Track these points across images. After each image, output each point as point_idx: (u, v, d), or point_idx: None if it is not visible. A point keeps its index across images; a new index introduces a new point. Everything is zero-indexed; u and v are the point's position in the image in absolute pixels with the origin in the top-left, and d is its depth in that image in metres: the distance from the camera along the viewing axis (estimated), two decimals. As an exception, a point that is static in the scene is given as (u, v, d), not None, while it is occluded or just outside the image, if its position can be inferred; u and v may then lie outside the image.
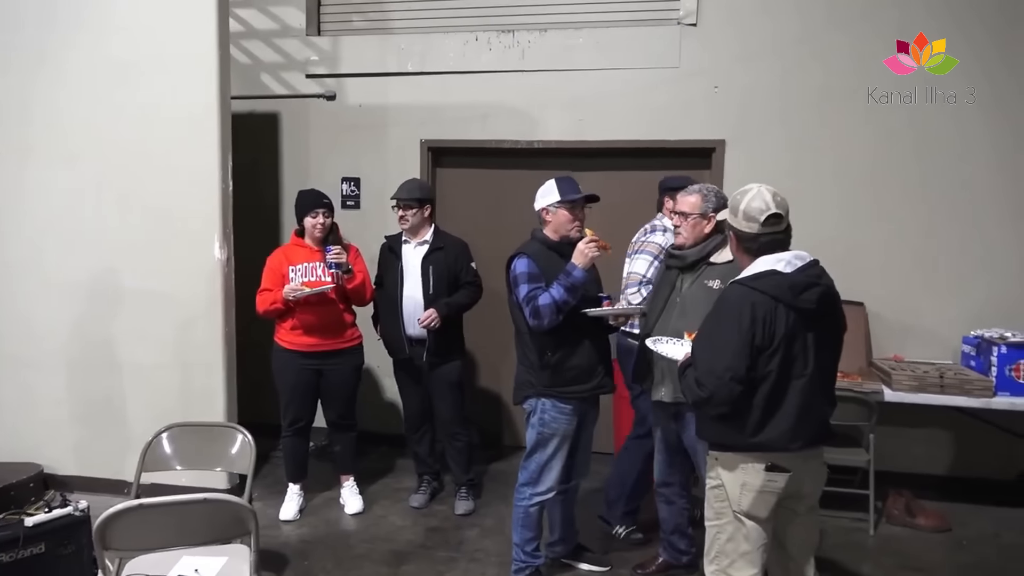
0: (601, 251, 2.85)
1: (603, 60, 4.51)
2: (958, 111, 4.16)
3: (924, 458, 4.30)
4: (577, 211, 2.97)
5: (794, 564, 2.32)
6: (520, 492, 3.09)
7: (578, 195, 2.95)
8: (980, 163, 4.18)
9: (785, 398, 2.13)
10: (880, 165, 4.26)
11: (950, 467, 4.34)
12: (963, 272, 4.22)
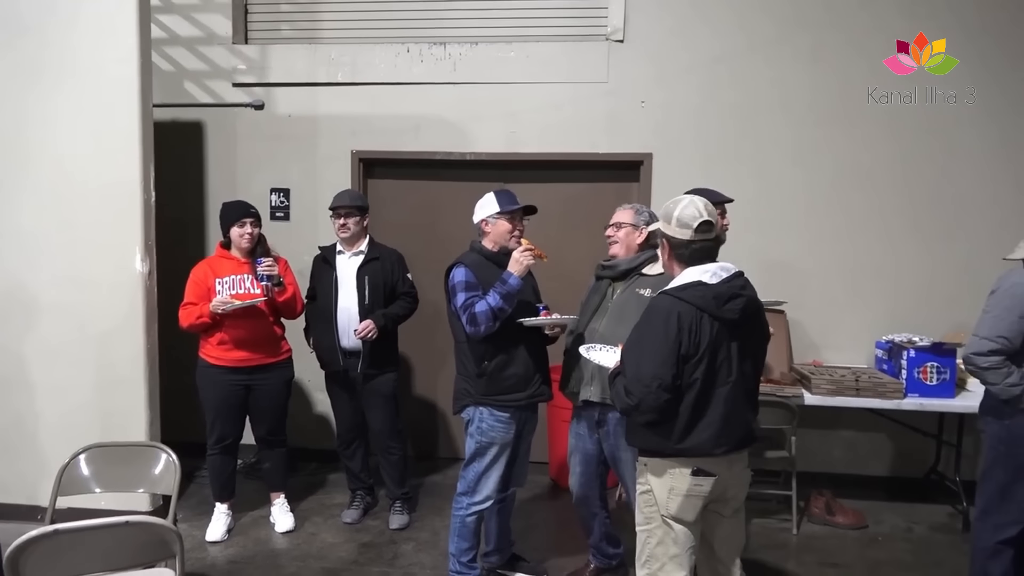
0: (537, 259, 2.91)
1: (534, 74, 4.58)
2: (872, 127, 4.41)
3: (842, 458, 4.50)
4: (516, 222, 3.03)
5: (721, 565, 2.39)
6: (458, 502, 3.09)
7: (517, 206, 3.02)
8: (887, 177, 4.42)
9: (710, 405, 2.21)
10: (800, 177, 4.46)
11: (866, 466, 4.55)
12: (876, 280, 4.45)
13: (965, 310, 4.21)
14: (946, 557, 3.68)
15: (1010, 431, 2.82)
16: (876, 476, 4.54)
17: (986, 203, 4.36)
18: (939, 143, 4.39)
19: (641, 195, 4.57)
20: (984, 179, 4.37)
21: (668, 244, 2.31)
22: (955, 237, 4.40)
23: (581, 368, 3.01)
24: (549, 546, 3.72)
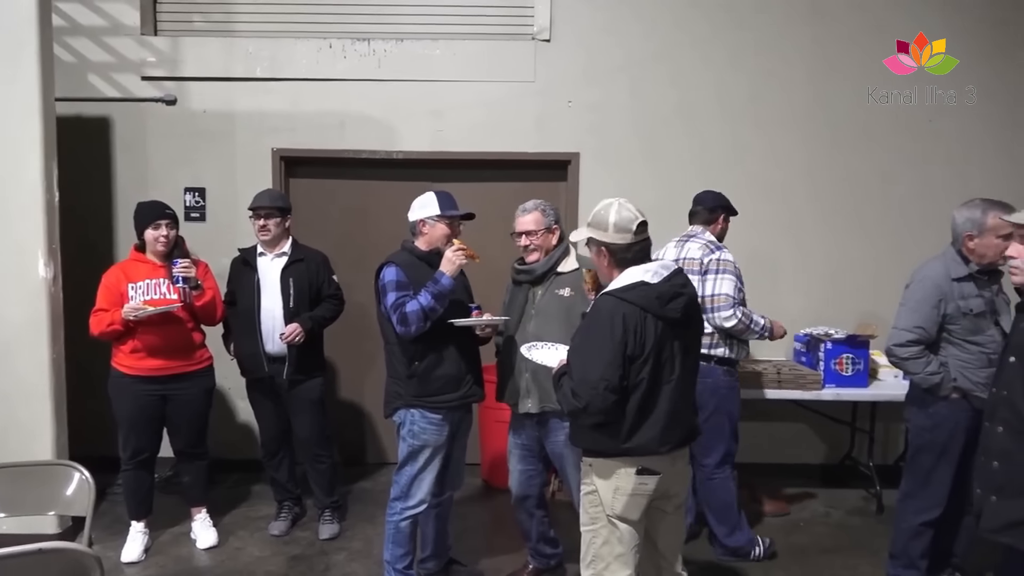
0: (469, 259, 2.89)
1: (461, 72, 4.54)
2: (795, 129, 4.59)
3: (766, 449, 4.65)
4: (455, 227, 3.00)
5: (665, 561, 2.42)
6: (391, 507, 3.03)
7: (458, 212, 2.99)
8: (803, 178, 4.61)
9: (656, 404, 2.23)
10: (728, 175, 4.55)
11: (787, 455, 4.72)
12: (795, 276, 4.63)
13: (874, 302, 4.46)
14: (864, 539, 3.86)
15: (932, 419, 2.98)
16: (796, 464, 4.71)
17: (896, 203, 4.60)
18: (853, 146, 4.60)
19: (569, 195, 4.60)
20: (895, 181, 4.61)
21: (607, 251, 2.29)
22: (867, 235, 4.62)
23: (516, 379, 3.02)
24: (486, 548, 3.69)
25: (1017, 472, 2.06)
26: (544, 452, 3.10)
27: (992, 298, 2.94)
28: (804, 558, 3.65)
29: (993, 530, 2.14)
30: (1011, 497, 2.07)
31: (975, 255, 2.89)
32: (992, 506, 2.13)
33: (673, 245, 3.59)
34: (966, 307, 2.88)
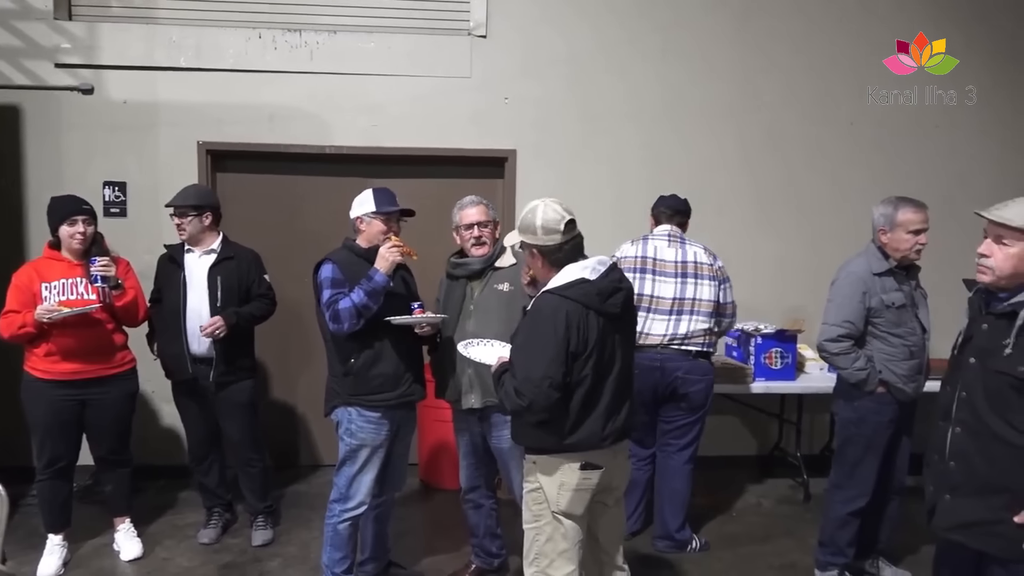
0: (405, 256, 2.84)
1: (396, 66, 4.46)
2: (723, 129, 4.69)
3: (706, 441, 4.71)
4: (392, 223, 2.95)
5: (605, 554, 2.44)
6: (330, 509, 2.96)
7: (394, 207, 2.93)
8: (736, 176, 4.73)
9: (599, 399, 2.24)
10: (666, 173, 4.64)
11: (720, 447, 4.82)
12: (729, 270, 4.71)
13: (801, 297, 4.61)
14: (793, 527, 3.99)
15: (859, 412, 3.10)
16: (729, 456, 4.83)
17: (822, 201, 4.76)
18: (783, 145, 4.75)
19: (506, 191, 4.59)
20: (825, 180, 4.78)
21: (540, 253, 2.29)
22: (794, 232, 4.77)
23: (458, 375, 2.99)
24: (426, 549, 3.66)
25: (973, 473, 2.06)
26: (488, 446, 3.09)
27: (911, 292, 3.08)
28: (737, 547, 3.74)
29: (946, 528, 2.15)
30: (965, 496, 2.07)
31: (889, 249, 3.01)
32: (946, 505, 2.13)
33: (667, 244, 3.55)
34: (888, 300, 3.00)
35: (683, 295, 3.46)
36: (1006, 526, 1.98)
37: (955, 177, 4.77)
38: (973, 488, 2.05)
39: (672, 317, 3.44)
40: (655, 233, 3.59)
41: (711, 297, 3.49)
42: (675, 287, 3.46)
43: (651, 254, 3.51)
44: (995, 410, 2.00)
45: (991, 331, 2.04)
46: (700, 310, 3.48)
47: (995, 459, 2.00)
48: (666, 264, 3.49)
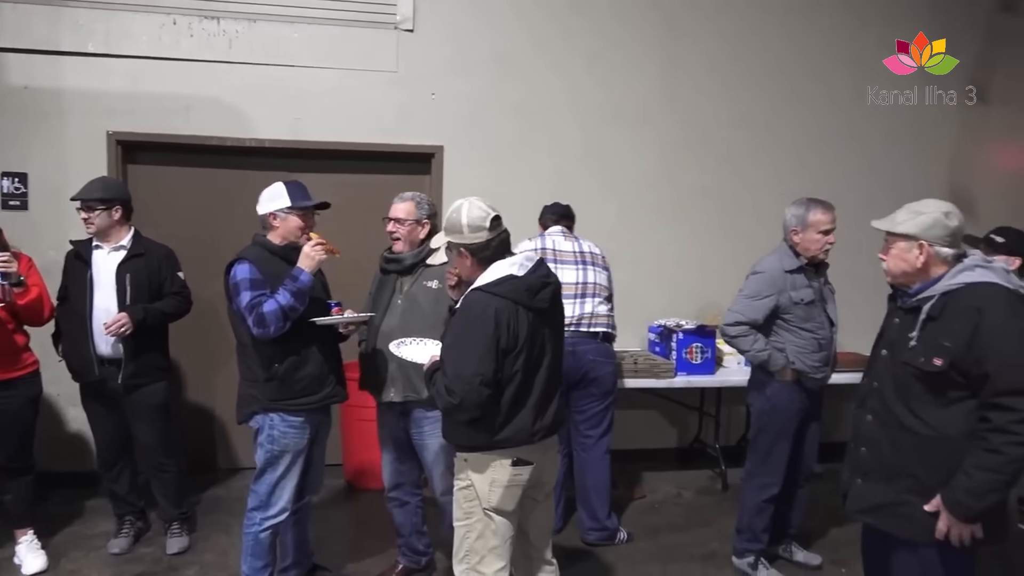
0: (329, 254, 2.78)
1: (319, 58, 4.36)
2: (649, 131, 4.79)
3: (628, 435, 4.84)
4: (308, 218, 2.86)
5: (535, 549, 2.46)
6: (250, 518, 2.85)
7: (311, 202, 2.85)
8: (658, 178, 4.83)
9: (529, 394, 2.25)
10: (585, 175, 4.71)
11: (643, 441, 4.95)
12: (648, 269, 4.83)
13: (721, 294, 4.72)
14: (712, 516, 4.12)
15: (771, 403, 3.24)
16: (651, 449, 4.95)
17: (739, 200, 4.92)
18: (701, 146, 4.88)
19: (433, 188, 4.55)
20: (737, 179, 4.93)
21: (468, 252, 2.29)
22: (713, 230, 4.91)
23: (380, 369, 2.95)
24: (352, 551, 3.60)
25: (881, 459, 2.15)
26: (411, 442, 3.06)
27: (820, 288, 3.24)
28: (659, 538, 3.84)
29: (857, 511, 2.24)
30: (875, 481, 2.16)
31: (800, 248, 3.16)
32: (857, 488, 2.23)
33: (563, 239, 3.72)
34: (798, 297, 3.15)
35: (585, 280, 3.62)
36: (910, 508, 2.08)
37: (863, 179, 5.01)
38: (881, 473, 2.16)
39: (576, 300, 3.57)
40: (550, 231, 3.79)
41: (606, 283, 3.71)
42: (576, 273, 3.62)
43: (550, 246, 3.68)
44: (901, 399, 2.10)
45: (900, 325, 2.16)
46: (599, 293, 3.66)
47: (900, 446, 2.10)
48: (565, 254, 3.66)
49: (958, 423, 2.00)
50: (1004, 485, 1.93)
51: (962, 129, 5.18)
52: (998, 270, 2.09)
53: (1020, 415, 1.89)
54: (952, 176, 5.18)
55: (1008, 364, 1.91)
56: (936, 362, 2.00)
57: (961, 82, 5.06)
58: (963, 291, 2.01)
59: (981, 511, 1.96)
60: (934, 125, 5.14)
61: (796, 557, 3.53)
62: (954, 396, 2.02)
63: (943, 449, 2.02)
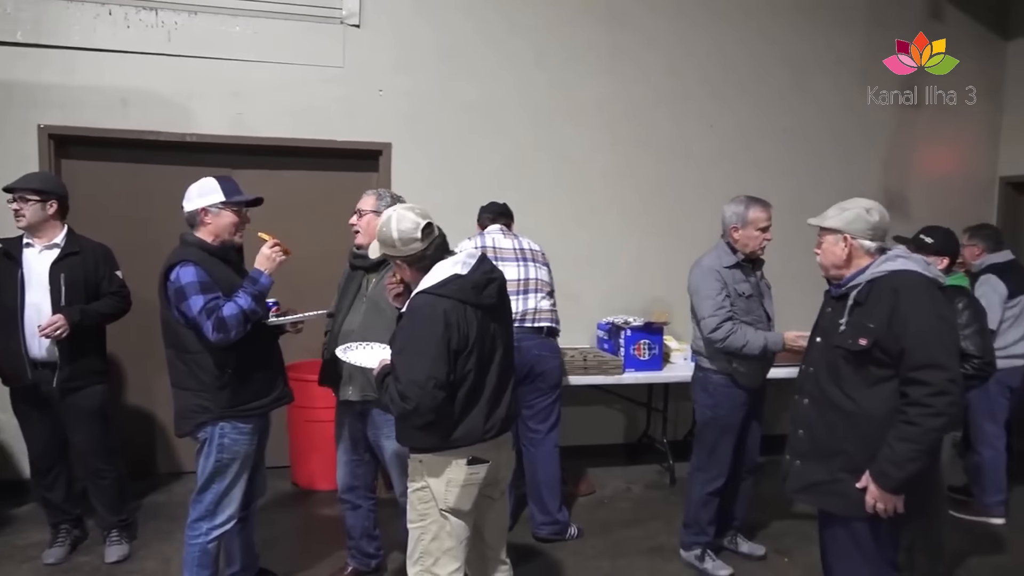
0: (285, 256, 2.74)
1: (263, 52, 4.27)
2: (596, 131, 4.83)
3: (577, 431, 4.88)
4: (243, 214, 2.78)
5: (490, 549, 2.45)
6: (195, 528, 2.74)
7: (245, 197, 2.76)
8: (604, 177, 4.89)
9: (482, 392, 2.24)
10: (533, 173, 4.73)
11: (594, 437, 5.00)
12: (596, 268, 4.89)
13: (666, 290, 4.83)
14: (660, 510, 4.18)
15: (714, 398, 3.32)
16: (600, 445, 5.01)
17: (681, 199, 5.00)
18: (646, 146, 4.95)
19: (380, 186, 4.45)
20: (680, 179, 5.01)
21: (406, 263, 2.27)
22: (658, 228, 4.98)
23: (339, 365, 2.89)
24: (300, 554, 3.53)
25: (816, 439, 2.29)
26: (369, 441, 3.02)
27: (757, 283, 3.34)
28: (608, 532, 3.88)
29: (795, 490, 2.38)
30: (811, 461, 2.30)
31: (739, 244, 3.25)
32: (796, 469, 2.36)
33: (503, 236, 3.74)
34: (739, 291, 3.24)
35: (527, 276, 3.66)
36: (843, 485, 2.22)
37: (804, 178, 5.16)
38: (817, 454, 2.30)
39: (520, 296, 3.60)
40: (489, 230, 3.80)
41: (547, 279, 3.75)
42: (518, 269, 3.65)
43: (490, 243, 3.69)
44: (833, 381, 2.25)
45: (832, 313, 2.33)
46: (541, 289, 3.69)
47: (833, 425, 2.25)
48: (505, 251, 3.68)
49: (885, 401, 2.15)
50: (922, 454, 2.08)
51: (896, 132, 5.38)
52: (918, 260, 2.28)
53: (933, 388, 2.05)
54: (886, 177, 5.38)
55: (921, 340, 2.08)
56: (861, 342, 2.16)
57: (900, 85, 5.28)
58: (886, 277, 2.19)
59: (903, 480, 2.09)
60: (873, 127, 5.33)
61: (741, 548, 3.61)
62: (880, 375, 2.17)
63: (871, 426, 2.16)
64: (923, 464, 2.10)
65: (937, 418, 2.04)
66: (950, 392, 2.05)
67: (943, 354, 2.07)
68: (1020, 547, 3.81)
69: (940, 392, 2.04)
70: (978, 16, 5.50)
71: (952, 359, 2.09)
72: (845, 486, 2.21)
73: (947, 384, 2.05)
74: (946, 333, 2.12)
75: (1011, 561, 3.66)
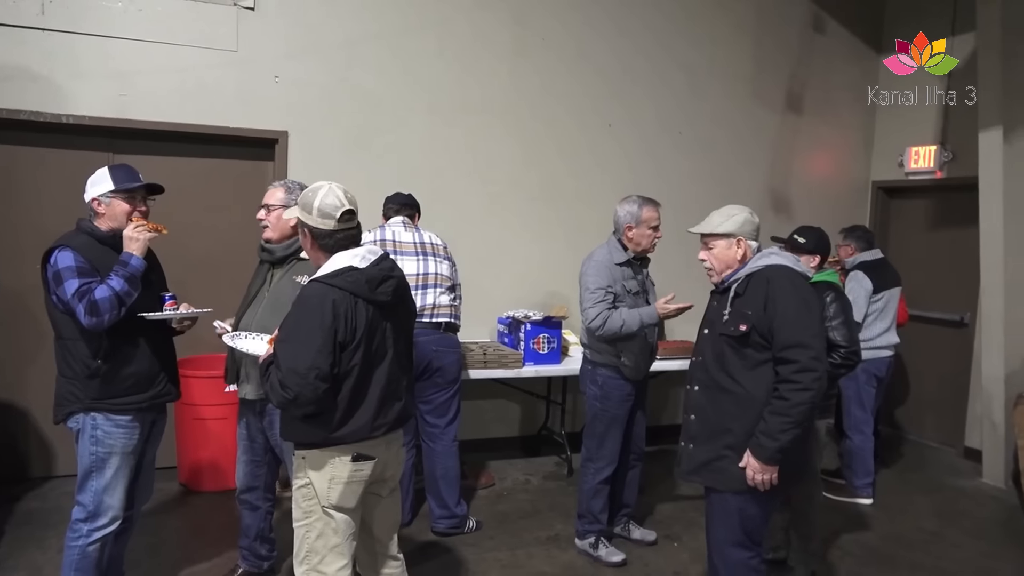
0: (156, 233, 2.62)
1: (149, 31, 4.04)
2: (498, 127, 4.85)
3: (478, 425, 4.91)
4: (137, 202, 2.65)
5: (380, 545, 2.43)
6: (75, 529, 2.60)
7: (137, 183, 2.64)
8: (508, 174, 4.92)
9: (369, 388, 2.21)
10: (433, 167, 4.70)
11: (494, 430, 5.05)
12: (496, 263, 4.92)
13: (564, 285, 4.92)
14: (558, 501, 4.27)
15: (603, 390, 3.44)
16: (501, 438, 5.06)
17: (579, 197, 5.10)
18: (546, 144, 5.01)
19: (277, 175, 4.36)
20: (579, 178, 5.11)
21: (311, 234, 2.24)
22: (556, 224, 5.06)
23: (237, 363, 2.82)
24: (185, 558, 3.38)
25: (706, 422, 2.47)
26: (269, 442, 2.94)
27: (643, 280, 3.49)
28: (507, 524, 3.93)
29: (687, 472, 2.52)
30: (701, 443, 2.47)
31: (632, 243, 3.37)
32: (688, 452, 2.52)
33: (404, 229, 3.68)
34: (628, 287, 3.36)
35: (426, 271, 3.63)
36: (727, 462, 2.40)
37: (695, 178, 5.38)
38: (705, 435, 2.47)
39: (418, 291, 3.58)
40: (391, 222, 3.75)
41: (448, 274, 3.73)
42: (417, 264, 3.63)
43: (390, 237, 3.64)
44: (720, 367, 2.44)
45: (717, 306, 2.53)
46: (441, 284, 3.67)
47: (721, 407, 2.43)
48: (406, 245, 3.65)
49: (765, 383, 2.35)
50: (793, 426, 2.28)
51: (780, 138, 5.69)
52: (789, 258, 2.53)
53: (798, 365, 2.27)
54: (771, 180, 5.68)
55: (787, 322, 2.30)
56: (742, 327, 2.37)
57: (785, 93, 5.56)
58: (761, 270, 2.42)
59: (776, 450, 2.29)
60: (761, 133, 5.61)
61: (633, 535, 3.74)
62: (760, 358, 2.37)
63: (755, 406, 2.36)
64: (794, 435, 2.29)
65: (804, 392, 2.26)
66: (814, 368, 2.26)
67: (807, 335, 2.29)
68: (885, 525, 4.13)
69: (805, 369, 2.26)
70: (855, 30, 5.89)
71: (816, 339, 2.31)
72: (729, 463, 2.40)
73: (811, 361, 2.27)
74: (809, 317, 2.34)
75: (877, 538, 3.96)
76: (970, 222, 4.87)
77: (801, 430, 2.31)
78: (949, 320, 5.53)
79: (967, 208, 4.92)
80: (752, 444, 2.33)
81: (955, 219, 5.43)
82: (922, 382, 5.80)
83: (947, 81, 5.27)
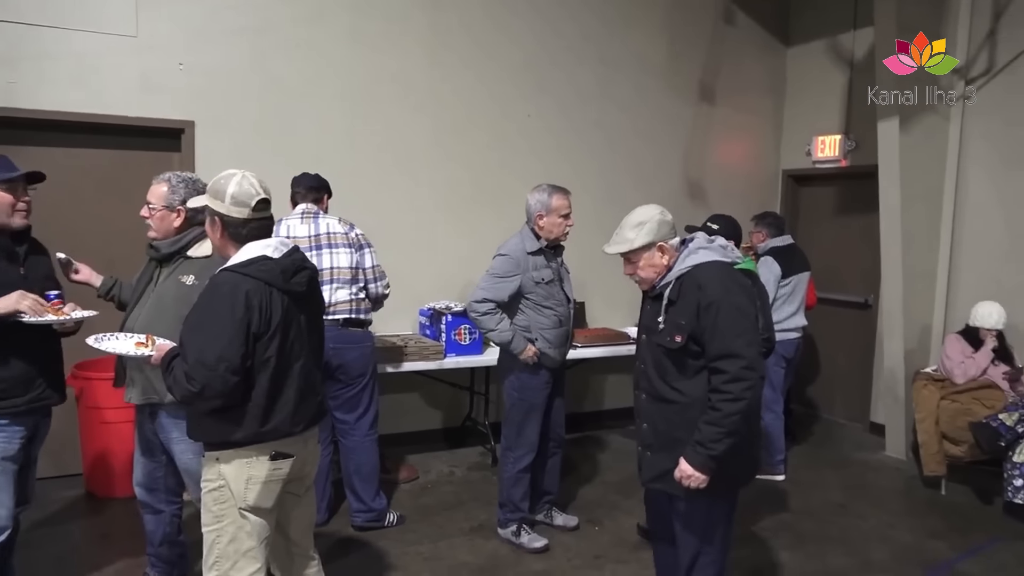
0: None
1: (38, 14, 3.80)
2: (415, 116, 4.78)
3: (401, 418, 4.86)
4: (19, 192, 2.51)
5: (296, 546, 2.37)
6: None
7: (16, 172, 2.49)
8: (419, 155, 4.87)
9: (287, 383, 2.15)
10: (350, 157, 4.60)
11: (417, 423, 5.00)
12: (417, 253, 4.86)
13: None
14: (482, 491, 4.27)
15: (521, 380, 3.47)
16: (424, 430, 5.03)
17: (501, 187, 5.07)
18: (469, 133, 4.98)
19: (184, 167, 4.18)
20: (501, 167, 5.10)
21: (221, 223, 2.15)
22: (477, 213, 5.03)
23: (123, 366, 2.68)
24: (93, 567, 3.24)
25: (657, 431, 2.40)
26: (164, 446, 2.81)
27: (558, 268, 3.51)
28: (431, 516, 3.91)
29: (649, 480, 2.47)
30: (659, 451, 2.40)
31: (544, 231, 3.40)
32: (647, 460, 2.46)
33: (299, 222, 3.54)
34: (539, 277, 3.39)
35: (320, 266, 3.45)
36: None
37: (612, 168, 5.45)
38: (661, 444, 2.41)
39: None
40: (290, 215, 3.61)
41: (348, 264, 3.54)
42: (311, 259, 3.51)
43: (284, 233, 3.49)
44: (660, 375, 2.38)
45: (651, 311, 2.44)
46: (338, 278, 3.52)
47: (668, 417, 2.37)
48: (299, 240, 3.48)
49: (706, 389, 2.29)
50: (725, 435, 2.22)
51: (694, 128, 5.82)
52: (717, 248, 2.42)
53: (729, 375, 2.21)
54: (685, 168, 5.81)
55: (719, 332, 2.22)
56: (677, 339, 2.29)
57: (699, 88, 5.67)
58: (691, 273, 2.32)
59: (709, 458, 2.24)
60: (675, 123, 5.72)
61: (556, 521, 3.78)
62: (698, 366, 2.30)
63: (697, 413, 2.29)
64: (728, 444, 2.22)
65: (735, 403, 2.20)
66: (745, 378, 2.20)
67: (738, 343, 2.21)
68: (797, 499, 4.30)
69: (736, 379, 2.20)
70: (764, 23, 6.07)
71: (748, 348, 2.22)
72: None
73: (742, 371, 2.19)
74: (742, 322, 2.24)
75: (789, 513, 4.12)
76: (873, 208, 5.10)
77: (737, 439, 2.24)
78: (855, 302, 5.79)
79: (870, 195, 5.14)
80: (687, 450, 2.27)
81: (859, 206, 5.68)
82: (831, 362, 6.06)
83: (850, 73, 5.51)
